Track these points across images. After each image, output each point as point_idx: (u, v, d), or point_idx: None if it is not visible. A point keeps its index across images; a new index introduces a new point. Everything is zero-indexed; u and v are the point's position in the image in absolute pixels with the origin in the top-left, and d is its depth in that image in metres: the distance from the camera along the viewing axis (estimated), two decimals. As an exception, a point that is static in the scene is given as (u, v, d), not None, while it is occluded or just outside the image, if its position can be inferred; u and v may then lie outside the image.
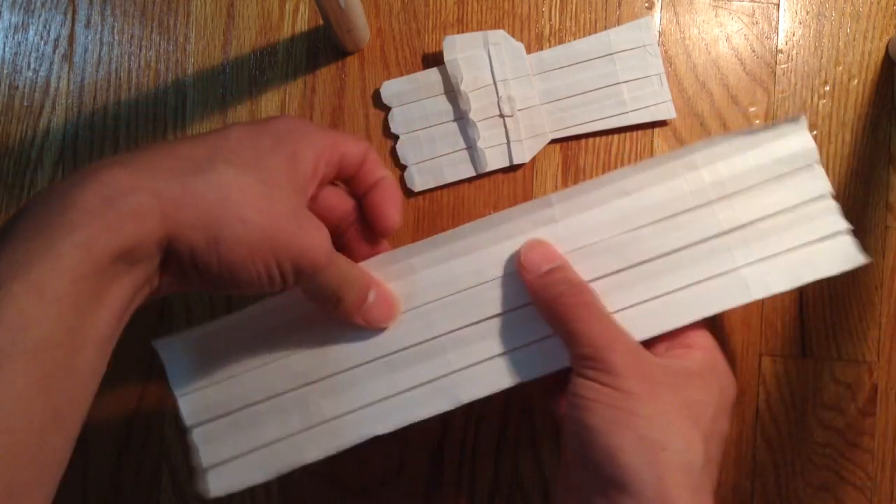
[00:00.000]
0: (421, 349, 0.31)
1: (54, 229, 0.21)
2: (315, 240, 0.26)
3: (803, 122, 0.32)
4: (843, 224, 0.32)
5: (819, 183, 0.32)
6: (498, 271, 0.31)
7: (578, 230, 0.31)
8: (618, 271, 0.31)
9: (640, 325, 0.30)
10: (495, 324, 0.31)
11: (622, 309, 0.31)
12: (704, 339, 0.31)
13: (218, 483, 0.30)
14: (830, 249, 0.31)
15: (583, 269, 0.31)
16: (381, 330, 0.31)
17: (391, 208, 0.31)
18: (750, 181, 0.31)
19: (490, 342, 0.31)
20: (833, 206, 0.32)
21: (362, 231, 0.32)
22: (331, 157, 0.29)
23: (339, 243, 0.32)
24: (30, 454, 0.20)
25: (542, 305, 0.30)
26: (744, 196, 0.31)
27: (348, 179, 0.31)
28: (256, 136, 0.27)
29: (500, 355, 0.31)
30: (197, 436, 0.30)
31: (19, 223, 0.22)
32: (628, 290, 0.31)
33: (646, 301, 0.31)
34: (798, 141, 0.32)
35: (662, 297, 0.31)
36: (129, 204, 0.22)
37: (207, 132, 0.27)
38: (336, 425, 0.30)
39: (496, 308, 0.31)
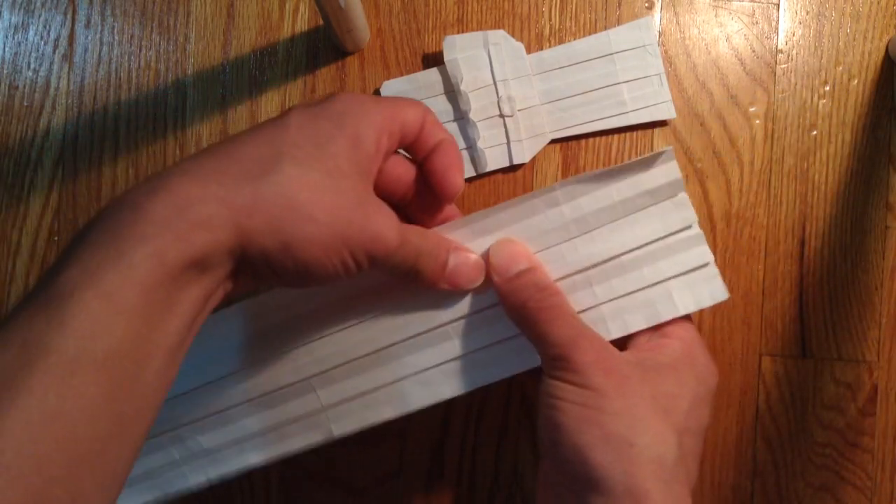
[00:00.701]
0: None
1: (126, 239, 0.21)
2: (383, 226, 0.26)
3: (670, 154, 0.30)
4: (708, 256, 0.30)
5: (683, 213, 0.30)
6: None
7: None
8: (481, 310, 0.31)
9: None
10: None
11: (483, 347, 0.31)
12: (684, 329, 0.31)
13: None
14: (693, 284, 0.30)
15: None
16: (464, 292, 0.31)
17: (455, 172, 0.30)
18: (613, 215, 0.30)
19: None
20: (698, 235, 0.30)
21: (424, 198, 0.31)
22: (391, 129, 0.28)
23: (405, 213, 0.32)
24: (92, 463, 0.20)
25: (511, 309, 0.30)
26: (607, 230, 0.30)
27: (408, 145, 0.31)
28: (315, 120, 0.26)
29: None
30: None
31: (91, 232, 0.22)
32: (487, 327, 0.31)
33: (506, 340, 0.31)
34: (664, 172, 0.30)
35: (516, 338, 0.30)
36: (200, 214, 0.22)
37: (266, 122, 0.27)
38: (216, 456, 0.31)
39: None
